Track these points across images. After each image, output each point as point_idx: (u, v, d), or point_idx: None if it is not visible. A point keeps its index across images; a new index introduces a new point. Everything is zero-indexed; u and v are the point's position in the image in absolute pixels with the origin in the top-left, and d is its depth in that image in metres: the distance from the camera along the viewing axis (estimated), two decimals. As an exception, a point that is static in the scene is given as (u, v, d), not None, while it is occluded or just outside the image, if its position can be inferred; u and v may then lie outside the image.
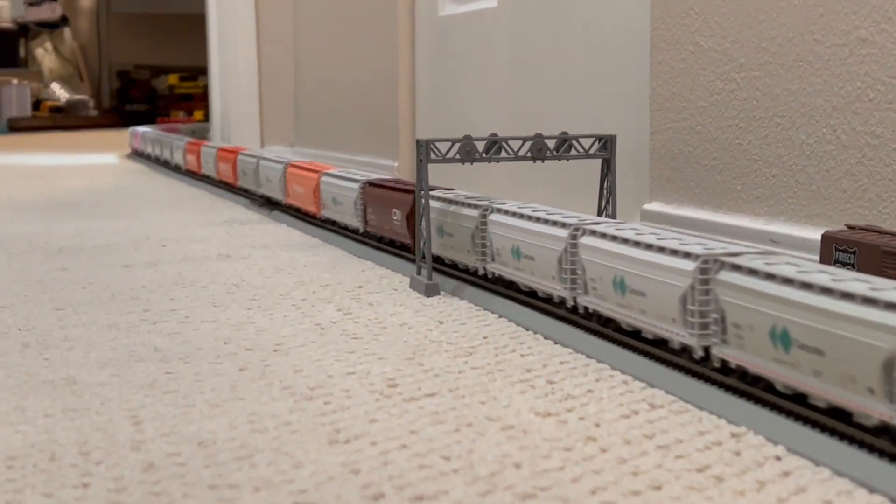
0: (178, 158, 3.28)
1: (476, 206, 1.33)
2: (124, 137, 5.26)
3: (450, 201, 1.41)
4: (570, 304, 1.11)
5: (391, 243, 1.62)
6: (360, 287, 1.43)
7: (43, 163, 4.24)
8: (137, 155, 4.24)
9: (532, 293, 1.21)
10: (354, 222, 1.73)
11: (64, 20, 8.52)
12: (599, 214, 1.41)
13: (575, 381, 0.95)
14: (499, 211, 1.28)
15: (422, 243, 1.39)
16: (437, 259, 1.43)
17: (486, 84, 2.16)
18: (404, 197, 1.52)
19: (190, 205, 2.52)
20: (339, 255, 1.72)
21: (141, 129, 4.35)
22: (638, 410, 0.86)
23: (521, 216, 1.23)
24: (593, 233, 1.07)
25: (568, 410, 0.86)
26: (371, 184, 1.68)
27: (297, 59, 3.56)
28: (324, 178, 1.89)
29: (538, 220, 1.18)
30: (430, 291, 1.37)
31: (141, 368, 1.01)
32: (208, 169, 2.86)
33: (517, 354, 1.05)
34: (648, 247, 0.96)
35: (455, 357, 1.04)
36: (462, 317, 1.23)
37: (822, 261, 1.03)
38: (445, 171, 1.54)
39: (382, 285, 1.44)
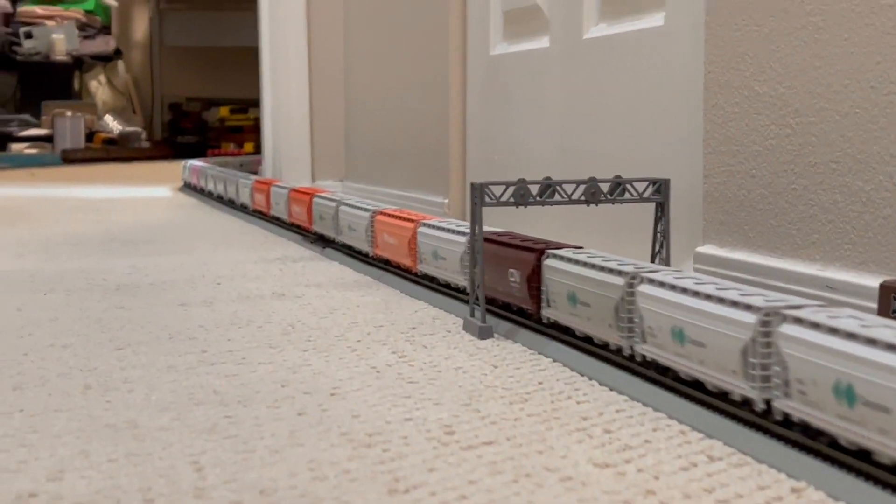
0: (244, 198, 3.15)
1: (620, 273, 1.12)
2: (176, 169, 5.32)
3: (584, 264, 1.20)
4: (760, 406, 0.88)
5: (505, 307, 1.41)
6: (413, 328, 1.44)
7: (97, 195, 4.30)
8: (191, 188, 4.29)
9: (696, 383, 0.99)
10: (460, 280, 1.55)
11: (118, 53, 8.65)
12: (653, 258, 1.41)
13: (632, 431, 0.95)
14: (651, 282, 1.06)
15: (476, 286, 1.40)
16: (565, 330, 1.26)
17: (536, 123, 2.17)
18: (524, 255, 1.33)
19: (243, 240, 2.54)
20: (391, 294, 1.73)
21: (199, 163, 4.29)
22: (696, 462, 0.86)
23: (684, 290, 1.00)
24: (798, 321, 0.84)
25: (626, 461, 0.86)
26: (483, 239, 1.44)
27: (347, 94, 3.60)
28: (422, 229, 1.69)
29: (708, 297, 0.96)
30: (484, 334, 1.37)
31: (201, 412, 1.02)
32: (279, 211, 2.68)
33: (573, 401, 1.05)
34: (890, 347, 0.74)
35: (511, 403, 1.04)
36: (516, 361, 1.23)
37: (881, 311, 1.02)
38: (497, 212, 1.54)
39: (436, 327, 1.45)
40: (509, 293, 1.37)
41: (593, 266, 1.18)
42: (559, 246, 1.32)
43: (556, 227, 1.97)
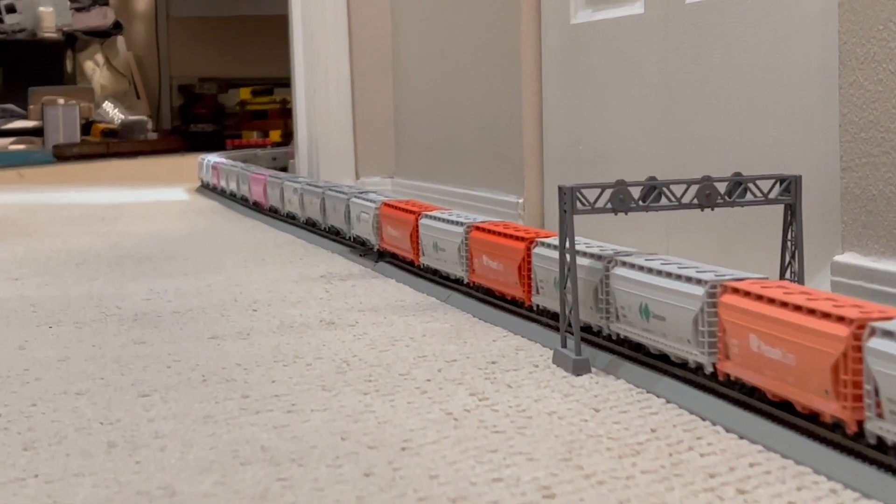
0: (361, 230, 2.35)
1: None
2: (190, 165, 5.37)
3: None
4: None
5: None
6: (493, 363, 1.44)
7: (100, 200, 4.36)
8: (210, 189, 4.33)
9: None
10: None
11: (117, 27, 8.75)
12: (782, 271, 1.40)
13: (772, 491, 0.94)
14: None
15: (568, 310, 1.40)
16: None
17: (630, 106, 2.17)
18: None
19: (279, 254, 2.56)
20: (462, 319, 1.74)
21: (260, 171, 3.67)
22: (854, 531, 0.85)
23: None
24: None
25: (767, 531, 0.86)
26: None
27: (396, 73, 3.61)
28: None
29: None
30: (580, 369, 1.37)
31: (249, 474, 1.04)
32: (439, 262, 1.92)
33: (696, 453, 1.05)
34: None
35: (620, 457, 1.05)
36: (621, 402, 1.24)
37: None
38: (585, 217, 1.47)
39: (520, 360, 1.45)
40: None
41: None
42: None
43: (658, 234, 1.97)
